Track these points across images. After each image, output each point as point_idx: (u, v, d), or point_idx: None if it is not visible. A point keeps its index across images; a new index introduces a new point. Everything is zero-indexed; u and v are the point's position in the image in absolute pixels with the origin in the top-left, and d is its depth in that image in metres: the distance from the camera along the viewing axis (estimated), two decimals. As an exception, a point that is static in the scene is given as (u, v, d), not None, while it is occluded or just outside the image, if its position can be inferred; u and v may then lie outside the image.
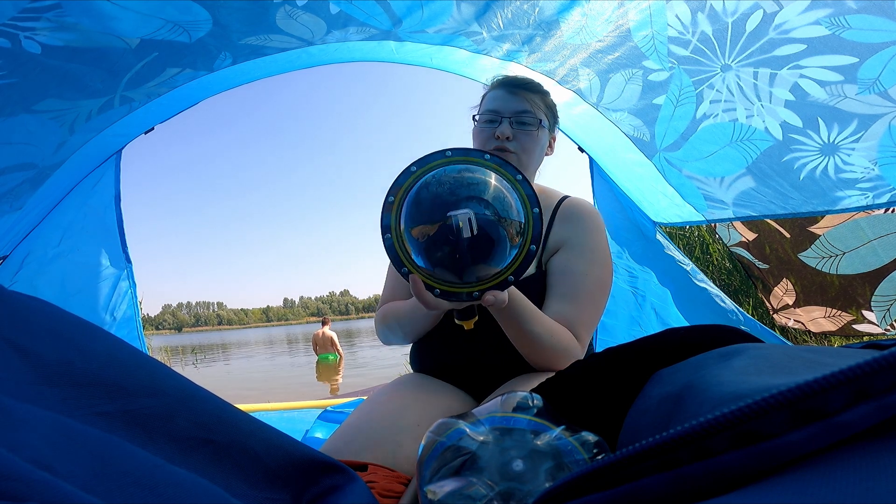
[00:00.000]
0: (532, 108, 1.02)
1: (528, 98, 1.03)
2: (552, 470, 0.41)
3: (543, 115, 1.04)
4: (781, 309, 1.84)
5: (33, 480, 0.26)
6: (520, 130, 1.01)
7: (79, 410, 0.38)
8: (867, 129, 1.22)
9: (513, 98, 1.03)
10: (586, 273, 0.96)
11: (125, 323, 1.93)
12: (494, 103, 1.04)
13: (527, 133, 1.01)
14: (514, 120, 1.01)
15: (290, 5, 1.26)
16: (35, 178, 1.39)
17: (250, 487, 0.43)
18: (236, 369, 10.54)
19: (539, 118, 1.02)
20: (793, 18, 1.17)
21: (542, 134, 1.04)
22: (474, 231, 0.61)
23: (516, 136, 1.00)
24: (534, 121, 1.01)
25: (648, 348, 0.53)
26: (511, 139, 1.00)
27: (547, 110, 1.06)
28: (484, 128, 1.03)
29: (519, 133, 1.01)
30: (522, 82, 1.06)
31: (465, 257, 0.62)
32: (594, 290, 0.96)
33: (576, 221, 1.02)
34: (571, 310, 0.93)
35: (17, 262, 1.61)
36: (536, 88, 1.06)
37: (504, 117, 1.01)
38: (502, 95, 1.04)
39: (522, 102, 1.02)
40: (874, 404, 0.23)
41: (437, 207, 0.63)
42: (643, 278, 2.02)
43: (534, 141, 1.02)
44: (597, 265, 0.98)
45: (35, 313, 0.42)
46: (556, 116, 1.12)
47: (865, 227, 1.41)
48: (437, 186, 0.64)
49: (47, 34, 1.03)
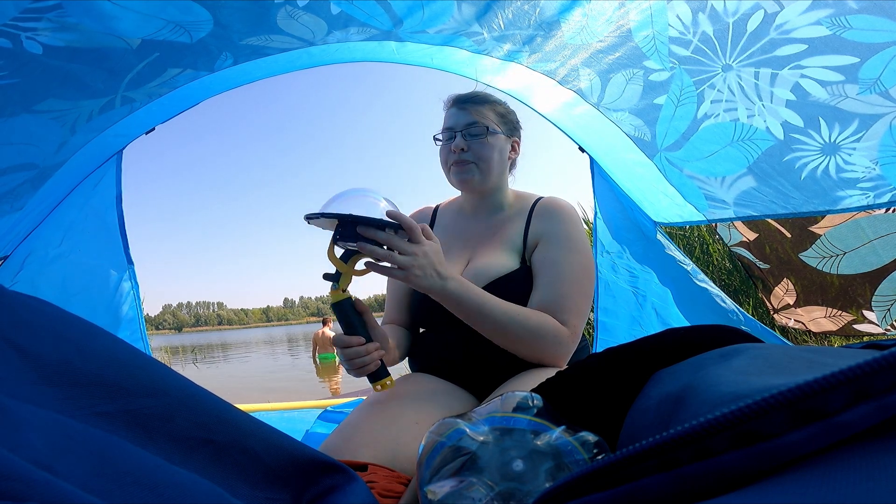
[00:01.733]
0: (479, 119, 1.11)
1: (475, 111, 1.12)
2: (552, 470, 0.41)
3: (493, 124, 1.13)
4: (782, 309, 1.84)
5: (33, 480, 0.26)
6: (472, 141, 1.10)
7: (79, 410, 0.38)
8: (868, 128, 1.22)
9: (462, 113, 1.13)
10: (564, 260, 1.02)
11: (128, 324, 1.93)
12: (449, 121, 1.15)
13: (478, 142, 1.10)
14: (465, 132, 1.11)
15: (291, 6, 1.26)
16: (36, 178, 1.39)
17: (250, 487, 0.43)
18: (236, 369, 10.54)
19: (487, 126, 1.11)
20: (794, 18, 1.17)
21: (496, 140, 1.12)
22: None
23: (470, 147, 1.10)
24: (482, 130, 1.11)
25: (648, 348, 0.53)
26: (466, 150, 1.10)
27: (497, 118, 1.14)
28: (444, 145, 1.15)
29: (472, 143, 1.10)
30: (469, 97, 1.16)
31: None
32: (575, 275, 1.01)
33: (549, 216, 1.10)
34: (552, 295, 0.98)
35: (18, 263, 1.61)
36: (483, 100, 1.15)
37: (457, 132, 1.12)
38: (454, 113, 1.14)
39: (469, 115, 1.12)
40: (874, 404, 0.23)
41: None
42: (644, 278, 2.02)
43: (486, 148, 1.10)
44: (574, 252, 1.04)
45: (35, 313, 0.42)
46: (513, 122, 1.20)
47: (866, 226, 1.41)
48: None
49: (48, 34, 1.03)
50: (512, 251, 1.09)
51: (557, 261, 1.02)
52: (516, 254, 1.09)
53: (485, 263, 1.07)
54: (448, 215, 1.27)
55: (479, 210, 1.20)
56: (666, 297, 1.98)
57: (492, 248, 1.11)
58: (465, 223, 1.21)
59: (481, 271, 1.05)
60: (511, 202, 1.20)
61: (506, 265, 1.06)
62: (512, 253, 1.09)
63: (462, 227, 1.21)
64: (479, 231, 1.18)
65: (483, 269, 1.06)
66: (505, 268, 1.05)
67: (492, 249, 1.11)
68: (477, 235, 1.17)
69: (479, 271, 1.05)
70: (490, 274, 1.04)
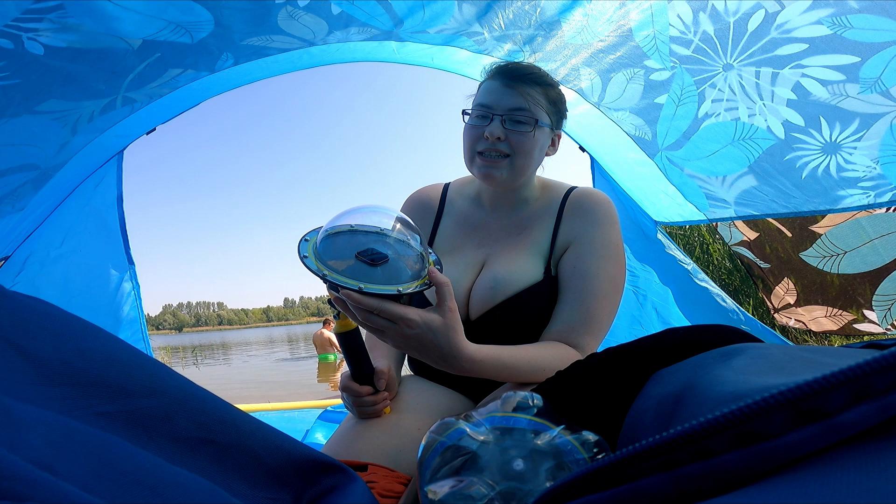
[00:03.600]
0: (529, 105, 0.89)
1: (525, 93, 0.89)
2: (552, 469, 0.41)
3: (544, 113, 0.91)
4: (782, 308, 1.84)
5: (33, 480, 0.26)
6: (513, 130, 0.89)
7: (79, 410, 0.38)
8: (869, 128, 1.22)
9: (508, 92, 0.89)
10: (597, 274, 0.88)
11: (129, 324, 1.93)
12: (487, 97, 0.91)
13: (521, 134, 0.89)
14: (506, 118, 0.89)
15: (291, 6, 1.26)
16: (37, 178, 1.39)
17: (250, 487, 0.43)
18: (236, 369, 10.55)
19: (536, 117, 0.89)
20: (794, 18, 1.17)
21: (541, 134, 0.91)
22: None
23: (508, 137, 0.88)
24: (529, 120, 0.89)
25: (648, 348, 0.53)
26: (502, 140, 0.88)
27: (549, 106, 0.92)
28: (474, 125, 0.91)
29: (512, 133, 0.88)
30: (521, 73, 0.91)
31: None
32: (607, 292, 0.88)
33: (583, 216, 0.93)
34: (581, 319, 0.86)
35: (19, 263, 1.61)
36: (537, 80, 0.92)
37: (496, 114, 0.89)
38: (497, 88, 0.90)
39: (518, 98, 0.89)
40: (874, 404, 0.23)
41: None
42: (644, 277, 2.02)
43: (529, 142, 0.89)
44: (609, 262, 0.89)
45: (36, 314, 0.42)
46: (562, 112, 0.97)
47: (867, 226, 1.41)
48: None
49: (50, 35, 1.04)
50: (537, 256, 0.93)
51: (589, 273, 0.87)
52: (541, 260, 0.93)
53: (504, 272, 0.91)
54: (461, 202, 1.05)
55: (499, 203, 1.00)
56: (666, 296, 1.98)
57: (513, 251, 0.94)
58: (482, 217, 1.01)
59: (499, 282, 0.90)
60: (538, 195, 1.00)
61: (528, 275, 0.90)
62: (536, 259, 0.93)
63: (478, 221, 1.01)
64: (498, 228, 0.99)
65: (502, 279, 0.90)
66: (527, 279, 0.90)
67: (513, 253, 0.94)
68: (495, 233, 0.99)
69: (497, 282, 0.90)
70: (509, 287, 0.89)
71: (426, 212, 1.06)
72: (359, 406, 0.80)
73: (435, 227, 1.04)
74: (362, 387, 0.79)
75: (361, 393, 0.79)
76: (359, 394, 0.79)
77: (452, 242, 1.01)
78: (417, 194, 1.09)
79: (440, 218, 1.05)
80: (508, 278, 0.90)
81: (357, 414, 0.82)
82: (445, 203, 1.06)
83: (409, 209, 1.08)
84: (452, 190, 1.08)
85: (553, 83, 0.95)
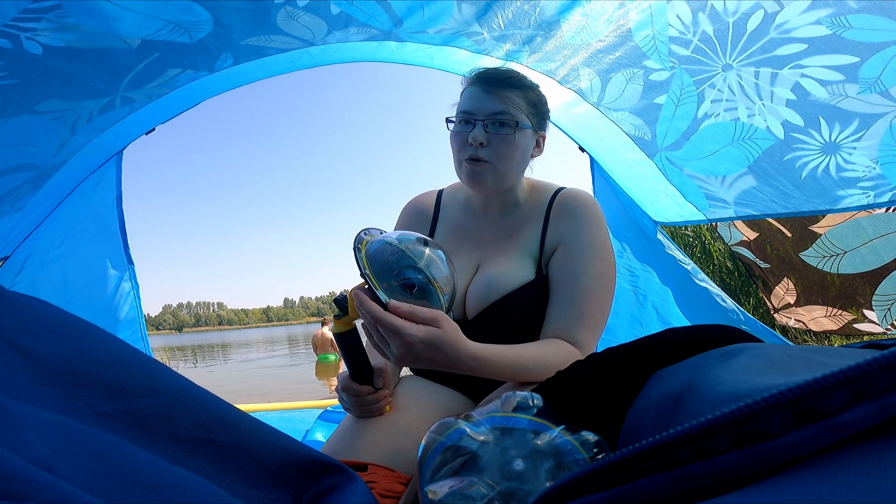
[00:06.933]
0: (509, 108, 0.91)
1: (504, 97, 0.92)
2: (553, 470, 0.41)
3: (524, 115, 0.94)
4: (782, 308, 1.84)
5: (33, 480, 0.26)
6: (495, 135, 0.91)
7: (79, 411, 0.38)
8: (868, 128, 1.22)
9: (488, 97, 0.92)
10: (586, 272, 0.91)
11: (128, 324, 1.93)
12: (469, 103, 0.94)
13: (502, 138, 0.91)
14: (488, 122, 0.91)
15: (291, 6, 1.26)
16: (36, 178, 1.39)
17: (250, 487, 0.43)
18: (236, 369, 10.55)
19: (516, 119, 0.92)
20: (794, 18, 1.17)
21: (523, 136, 0.94)
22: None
23: (490, 142, 0.92)
24: (510, 122, 0.91)
25: (648, 348, 0.53)
26: (485, 145, 0.91)
27: (529, 108, 0.95)
28: (458, 131, 0.95)
29: (494, 138, 0.91)
30: (500, 77, 0.94)
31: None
32: (596, 289, 0.91)
33: (569, 217, 0.96)
34: (573, 316, 0.89)
35: (19, 263, 1.61)
36: (516, 83, 0.95)
37: (478, 119, 0.92)
38: (477, 94, 0.93)
39: (498, 102, 0.91)
40: (874, 404, 0.23)
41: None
42: (644, 277, 2.02)
43: (511, 146, 0.92)
44: (597, 260, 0.92)
45: (35, 314, 0.42)
46: (544, 113, 1.00)
47: (866, 226, 1.41)
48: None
49: (48, 35, 1.03)
50: (527, 258, 0.97)
51: (577, 272, 0.91)
52: (532, 261, 0.97)
53: (497, 273, 0.95)
54: (454, 207, 1.09)
55: (489, 208, 1.04)
56: (666, 296, 1.98)
57: (505, 253, 0.99)
58: (474, 222, 1.06)
59: (493, 283, 0.94)
60: (526, 197, 1.04)
61: (520, 276, 0.95)
62: (527, 260, 0.97)
63: (470, 227, 1.06)
64: (490, 232, 1.04)
65: (495, 280, 0.94)
66: (519, 279, 0.94)
67: (505, 256, 0.98)
68: (488, 237, 1.03)
69: (491, 282, 0.94)
70: (503, 286, 0.93)
71: (422, 220, 1.10)
72: (360, 405, 0.81)
73: (431, 234, 1.09)
74: (362, 386, 0.80)
75: (362, 392, 0.80)
76: (359, 393, 0.80)
77: (450, 246, 1.04)
78: (413, 203, 1.14)
79: (435, 225, 1.09)
80: (501, 278, 0.94)
81: (358, 413, 0.83)
82: (440, 210, 1.10)
83: (406, 217, 1.12)
84: (446, 196, 1.12)
85: (532, 86, 0.98)
